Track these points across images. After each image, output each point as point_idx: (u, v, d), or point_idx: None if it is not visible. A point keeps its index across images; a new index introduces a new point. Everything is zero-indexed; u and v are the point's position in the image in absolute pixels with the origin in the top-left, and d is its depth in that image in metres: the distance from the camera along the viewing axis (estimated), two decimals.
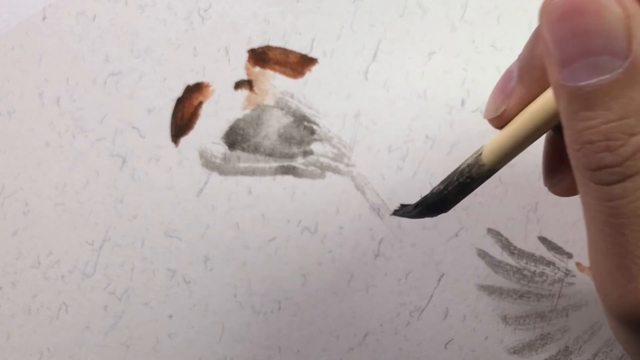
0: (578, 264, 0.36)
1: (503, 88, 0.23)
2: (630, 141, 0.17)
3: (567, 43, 0.18)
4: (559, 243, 0.35)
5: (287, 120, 0.35)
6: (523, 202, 0.35)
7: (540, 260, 0.35)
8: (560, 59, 0.18)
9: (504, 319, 0.35)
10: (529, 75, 0.23)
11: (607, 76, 0.17)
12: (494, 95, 0.23)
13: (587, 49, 0.17)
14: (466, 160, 0.25)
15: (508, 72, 0.24)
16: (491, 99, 0.23)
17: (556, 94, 0.18)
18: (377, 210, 0.35)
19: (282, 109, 0.35)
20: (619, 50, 0.17)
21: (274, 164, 0.35)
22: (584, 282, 0.36)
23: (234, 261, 0.35)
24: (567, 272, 0.36)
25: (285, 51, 0.35)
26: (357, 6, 0.36)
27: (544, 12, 0.18)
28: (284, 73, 0.35)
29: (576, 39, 0.17)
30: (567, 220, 0.35)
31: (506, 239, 0.35)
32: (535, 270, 0.35)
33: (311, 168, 0.35)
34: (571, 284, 0.36)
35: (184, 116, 0.35)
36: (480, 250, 0.35)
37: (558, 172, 0.24)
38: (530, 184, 0.35)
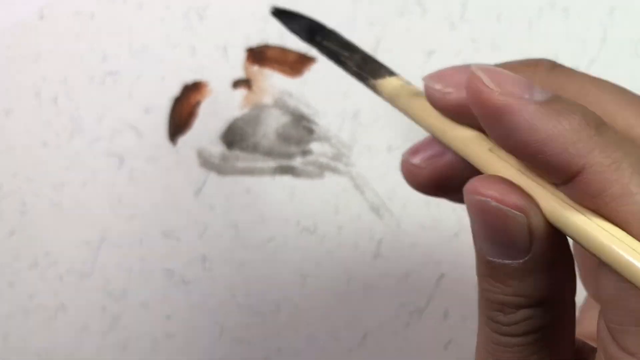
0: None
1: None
2: (520, 312, 0.21)
3: (481, 228, 0.20)
4: None
5: (286, 119, 0.35)
6: None
7: None
8: (477, 233, 0.21)
9: None
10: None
11: (509, 262, 0.20)
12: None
13: (495, 239, 0.20)
14: (376, 69, 0.25)
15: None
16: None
17: (475, 250, 0.21)
18: (377, 210, 0.35)
19: (280, 108, 0.35)
20: (520, 247, 0.20)
21: (272, 163, 0.35)
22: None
23: (232, 261, 0.35)
24: None
25: (283, 50, 0.35)
26: (356, 5, 0.36)
27: (464, 194, 0.21)
28: (283, 72, 0.35)
29: (487, 229, 0.20)
30: None
31: None
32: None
33: (310, 168, 0.35)
34: None
35: (181, 115, 0.35)
36: None
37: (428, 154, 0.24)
38: None
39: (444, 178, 0.24)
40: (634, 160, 0.19)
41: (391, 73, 0.25)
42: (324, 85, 0.35)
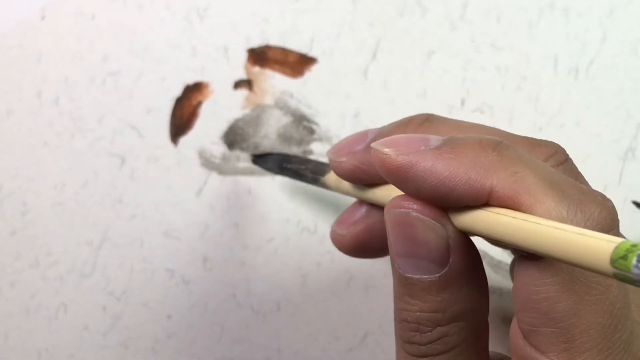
0: None
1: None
2: (436, 330, 0.21)
3: (400, 243, 0.21)
4: None
5: (287, 119, 0.35)
6: None
7: None
8: (395, 251, 0.22)
9: (504, 319, 0.35)
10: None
11: (426, 276, 0.21)
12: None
13: (414, 252, 0.21)
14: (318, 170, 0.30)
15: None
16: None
17: (392, 270, 0.22)
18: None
19: (281, 108, 0.35)
20: (438, 260, 0.21)
21: None
22: None
23: (233, 261, 0.35)
24: None
25: (284, 51, 0.35)
26: (356, 5, 0.36)
27: (385, 214, 0.22)
28: (284, 72, 0.35)
29: (406, 243, 0.21)
30: None
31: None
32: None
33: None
34: None
35: (183, 116, 0.35)
36: (480, 250, 0.35)
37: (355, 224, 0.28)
38: None
39: (362, 240, 0.27)
40: (535, 169, 0.20)
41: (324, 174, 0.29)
42: (325, 85, 0.35)
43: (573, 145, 0.36)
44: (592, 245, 0.16)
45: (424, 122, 0.25)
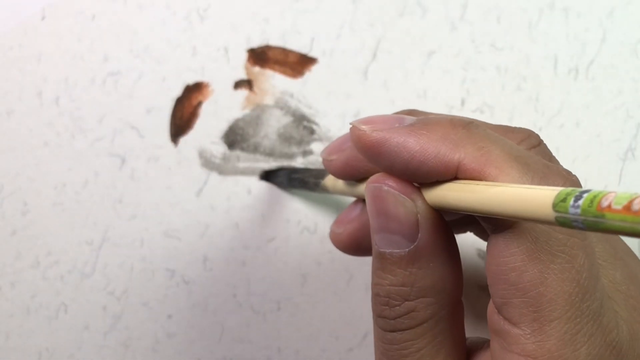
0: None
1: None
2: (404, 304, 0.22)
3: (375, 218, 0.22)
4: None
5: (287, 120, 0.35)
6: None
7: None
8: (372, 226, 0.23)
9: None
10: None
11: (397, 251, 0.22)
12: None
13: (386, 227, 0.22)
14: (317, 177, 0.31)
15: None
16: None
17: (372, 248, 0.23)
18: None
19: (281, 108, 0.35)
20: (408, 235, 0.22)
21: (273, 163, 0.35)
22: None
23: (233, 261, 0.35)
24: None
25: (284, 51, 0.35)
26: (356, 5, 0.36)
27: (365, 191, 0.23)
28: (284, 73, 0.35)
29: (380, 217, 0.22)
30: None
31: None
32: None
33: (311, 168, 0.35)
34: None
35: (183, 116, 0.35)
36: (480, 250, 0.35)
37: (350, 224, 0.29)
38: None
39: (358, 238, 0.28)
40: (502, 145, 0.21)
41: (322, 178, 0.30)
42: (325, 85, 0.35)
43: (573, 145, 0.36)
44: (537, 195, 0.17)
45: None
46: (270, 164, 0.35)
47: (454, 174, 0.21)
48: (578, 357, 0.20)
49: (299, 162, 0.35)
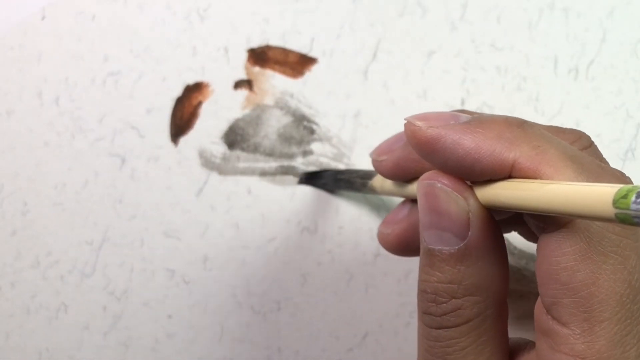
0: None
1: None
2: (451, 302, 0.22)
3: (426, 214, 0.22)
4: None
5: (287, 120, 0.35)
6: None
7: None
8: (422, 223, 0.23)
9: None
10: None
11: (447, 248, 0.22)
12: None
13: (438, 223, 0.22)
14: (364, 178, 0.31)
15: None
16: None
17: (420, 246, 0.23)
18: (377, 209, 0.35)
19: (281, 108, 0.35)
20: (458, 232, 0.22)
21: (273, 163, 0.35)
22: None
23: (233, 261, 0.35)
24: None
25: (284, 51, 0.35)
26: (356, 5, 0.36)
27: (416, 188, 0.23)
28: (284, 73, 0.35)
29: (431, 214, 0.22)
30: None
31: (506, 239, 0.35)
32: (535, 271, 0.35)
33: (311, 168, 0.35)
34: None
35: (183, 116, 0.35)
36: None
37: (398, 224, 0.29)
38: None
39: (406, 238, 0.28)
40: (557, 145, 0.21)
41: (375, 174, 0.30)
42: (325, 86, 0.35)
43: None
44: (597, 192, 0.17)
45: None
46: (270, 164, 0.35)
47: (508, 173, 0.21)
48: (627, 359, 0.20)
49: (299, 162, 0.35)
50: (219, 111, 0.35)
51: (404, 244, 0.28)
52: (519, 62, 0.36)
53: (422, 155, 0.22)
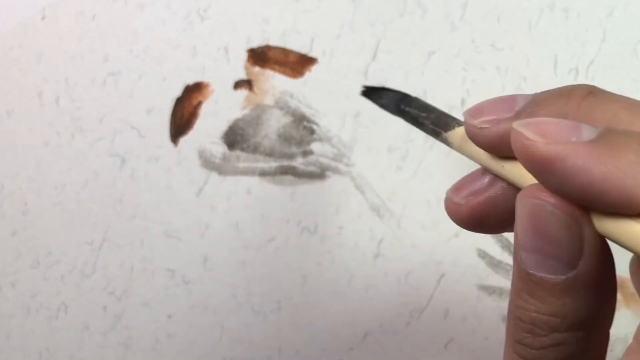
0: None
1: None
2: (551, 335, 0.20)
3: (528, 236, 0.20)
4: None
5: (287, 120, 0.35)
6: None
7: None
8: (521, 243, 0.20)
9: (504, 319, 0.35)
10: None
11: (551, 276, 0.19)
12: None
13: (542, 248, 0.19)
14: (445, 122, 0.26)
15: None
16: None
17: (514, 264, 0.20)
18: (377, 210, 0.35)
19: (281, 108, 0.35)
20: (567, 262, 0.19)
21: (273, 163, 0.35)
22: None
23: (233, 261, 0.35)
24: None
25: (284, 51, 0.35)
26: (356, 6, 0.36)
27: (517, 200, 0.20)
28: (284, 73, 0.35)
29: (536, 237, 0.19)
30: None
31: (506, 239, 0.35)
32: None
33: (311, 168, 0.35)
34: None
35: (183, 116, 0.35)
36: (480, 250, 0.35)
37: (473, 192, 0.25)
38: None
39: (481, 213, 0.24)
40: None
41: (460, 123, 0.25)
42: (325, 86, 0.35)
43: None
44: None
45: (588, 95, 0.22)
46: (270, 164, 0.35)
47: (637, 212, 0.18)
48: None
49: (299, 162, 0.35)
50: (219, 111, 0.35)
51: (478, 220, 0.24)
52: (519, 62, 0.36)
53: (532, 173, 0.19)
